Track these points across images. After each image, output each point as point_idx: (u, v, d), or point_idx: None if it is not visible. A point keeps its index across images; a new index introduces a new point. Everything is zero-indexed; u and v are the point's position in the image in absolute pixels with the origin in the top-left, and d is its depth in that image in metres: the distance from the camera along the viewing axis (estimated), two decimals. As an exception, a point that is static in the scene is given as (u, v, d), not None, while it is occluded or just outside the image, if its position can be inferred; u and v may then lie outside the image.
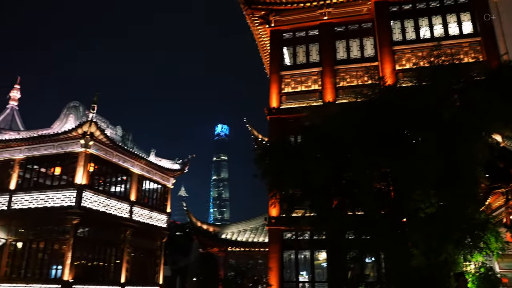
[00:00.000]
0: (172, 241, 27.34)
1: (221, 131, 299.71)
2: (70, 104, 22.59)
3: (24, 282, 19.32)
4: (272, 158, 12.50)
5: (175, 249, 33.75)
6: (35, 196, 20.43)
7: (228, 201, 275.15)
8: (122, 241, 22.06)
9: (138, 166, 23.57)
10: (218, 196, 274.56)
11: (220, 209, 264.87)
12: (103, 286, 20.35)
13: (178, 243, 35.52)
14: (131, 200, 22.76)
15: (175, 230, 35.82)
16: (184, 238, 39.23)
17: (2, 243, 20.23)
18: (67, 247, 19.07)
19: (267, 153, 12.97)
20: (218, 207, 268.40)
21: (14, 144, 21.53)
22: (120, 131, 24.23)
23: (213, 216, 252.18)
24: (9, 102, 29.40)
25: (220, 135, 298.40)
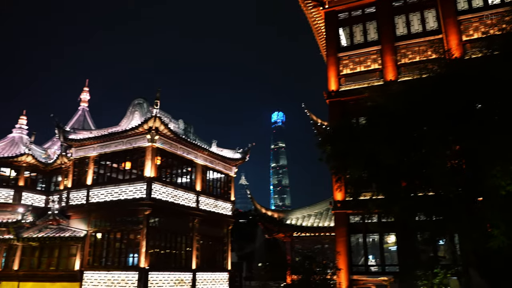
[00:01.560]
0: (236, 229, 27.98)
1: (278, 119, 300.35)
2: (135, 102, 23.67)
3: (105, 269, 20.75)
4: (336, 141, 12.33)
5: (239, 236, 34.59)
6: (110, 190, 21.76)
7: (288, 188, 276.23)
8: (191, 229, 22.97)
9: (201, 157, 24.29)
10: (278, 183, 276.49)
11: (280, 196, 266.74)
12: (176, 272, 21.33)
13: (242, 230, 36.36)
14: (196, 190, 23.57)
15: (238, 217, 36.59)
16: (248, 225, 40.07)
17: (84, 234, 21.82)
18: (141, 236, 20.20)
19: (331, 136, 12.81)
20: (278, 193, 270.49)
21: (88, 142, 23.02)
22: (182, 124, 24.99)
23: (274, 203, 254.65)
24: (80, 104, 31.50)
25: (277, 122, 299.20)
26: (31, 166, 25.26)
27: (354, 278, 16.78)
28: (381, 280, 15.96)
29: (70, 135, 23.39)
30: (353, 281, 16.77)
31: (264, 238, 33.78)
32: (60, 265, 21.96)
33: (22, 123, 28.11)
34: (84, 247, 21.70)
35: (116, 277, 20.09)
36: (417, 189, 10.90)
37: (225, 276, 24.83)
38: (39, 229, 22.43)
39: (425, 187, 10.72)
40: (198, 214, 23.27)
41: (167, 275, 20.70)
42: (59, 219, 22.77)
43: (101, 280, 20.52)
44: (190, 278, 22.05)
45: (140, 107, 23.37)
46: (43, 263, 22.24)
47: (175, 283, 21.08)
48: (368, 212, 13.56)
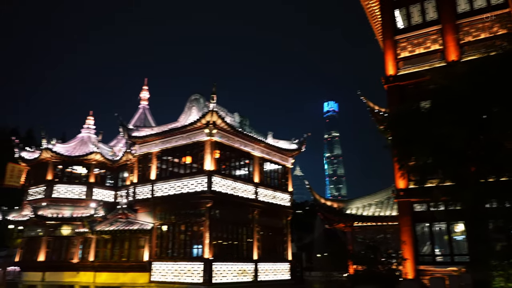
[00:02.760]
0: (294, 219, 28.02)
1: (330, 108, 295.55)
2: (192, 97, 24.34)
3: (172, 260, 21.65)
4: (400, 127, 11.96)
5: (298, 227, 34.64)
6: (172, 184, 22.61)
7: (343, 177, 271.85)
8: (251, 221, 23.33)
9: (258, 149, 24.52)
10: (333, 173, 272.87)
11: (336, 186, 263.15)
12: (238, 263, 21.81)
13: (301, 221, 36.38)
14: (255, 181, 23.87)
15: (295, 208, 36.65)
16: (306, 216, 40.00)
17: (150, 227, 22.89)
18: (204, 228, 20.83)
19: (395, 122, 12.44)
20: (334, 183, 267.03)
21: (150, 139, 24.03)
22: (238, 117, 25.32)
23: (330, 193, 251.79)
24: (140, 103, 32.91)
25: (329, 112, 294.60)
26: (99, 163, 26.85)
27: (420, 268, 16.26)
28: (450, 271, 15.33)
29: (134, 132, 24.53)
30: (420, 271, 16.27)
31: (322, 228, 33.62)
32: (130, 256, 23.23)
33: (89, 124, 29.89)
34: (152, 239, 22.76)
35: (183, 267, 20.91)
36: (488, 175, 10.34)
37: (286, 266, 25.01)
38: (110, 222, 23.85)
39: (497, 172, 10.14)
40: (257, 206, 23.58)
41: (230, 266, 21.22)
42: (128, 213, 24.05)
43: (169, 270, 21.45)
44: (252, 268, 22.45)
45: (197, 102, 24.00)
46: (115, 255, 23.64)
47: (238, 273, 21.57)
48: (435, 199, 13.08)
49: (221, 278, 20.55)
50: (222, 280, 20.53)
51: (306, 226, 35.26)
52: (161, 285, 21.53)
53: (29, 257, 25.74)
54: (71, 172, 27.21)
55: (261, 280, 22.68)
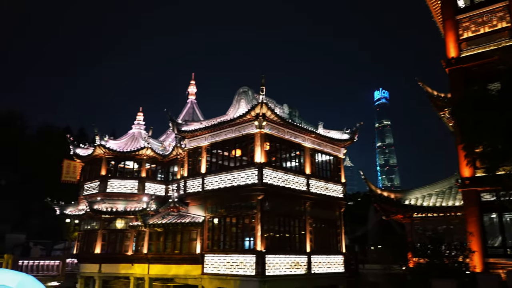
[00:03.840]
0: (347, 211, 27.30)
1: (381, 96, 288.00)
2: (240, 90, 24.19)
3: (224, 252, 21.65)
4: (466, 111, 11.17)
5: (350, 219, 33.84)
6: (223, 177, 22.59)
7: (396, 167, 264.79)
8: (303, 213, 22.94)
9: (309, 140, 24.03)
10: (385, 163, 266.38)
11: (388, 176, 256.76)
12: (291, 255, 21.50)
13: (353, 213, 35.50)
14: (306, 173, 23.42)
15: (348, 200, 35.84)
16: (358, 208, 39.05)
17: (202, 219, 23.01)
18: (255, 220, 20.66)
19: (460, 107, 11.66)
20: (386, 174, 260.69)
21: (200, 133, 24.12)
22: (287, 108, 24.91)
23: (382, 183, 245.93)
24: (188, 97, 33.22)
25: (380, 100, 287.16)
26: (150, 158, 27.33)
27: (490, 261, 15.23)
28: (524, 264, 14.28)
29: (183, 127, 24.72)
30: (489, 264, 15.24)
31: (376, 220, 32.67)
32: (183, 249, 23.48)
33: (139, 120, 30.50)
34: (203, 232, 22.88)
35: (235, 260, 20.86)
36: None
37: (340, 259, 24.44)
38: (162, 215, 24.21)
39: None
40: (309, 198, 23.14)
41: (283, 258, 20.95)
42: (179, 206, 24.32)
43: (221, 262, 21.49)
44: (305, 261, 22.09)
45: (245, 95, 23.82)
46: (168, 247, 23.98)
47: (291, 266, 21.27)
48: (506, 188, 12.20)
49: (274, 270, 20.32)
50: (275, 272, 20.31)
51: (358, 218, 34.42)
52: (213, 277, 21.62)
53: (86, 250, 26.64)
54: (124, 167, 27.90)
55: (314, 273, 22.28)
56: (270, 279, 19.98)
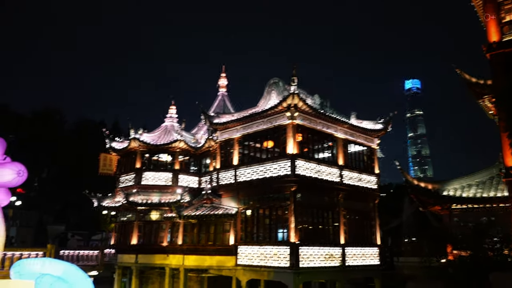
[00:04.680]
0: (379, 203, 26.74)
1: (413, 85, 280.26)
2: (271, 81, 24.02)
3: (257, 244, 21.70)
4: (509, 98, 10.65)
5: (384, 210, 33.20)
6: (255, 168, 22.57)
7: (429, 158, 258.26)
8: (336, 204, 22.66)
9: (341, 131, 23.64)
10: (417, 154, 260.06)
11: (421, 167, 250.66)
12: (325, 247, 21.31)
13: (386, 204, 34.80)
14: (339, 164, 23.08)
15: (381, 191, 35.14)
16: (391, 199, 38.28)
17: (235, 211, 23.12)
18: (289, 212, 20.57)
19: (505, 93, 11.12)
20: (418, 165, 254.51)
21: (231, 125, 24.17)
22: (318, 99, 24.58)
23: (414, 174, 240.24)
24: (219, 90, 33.35)
25: (411, 89, 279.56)
26: (183, 151, 27.65)
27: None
28: None
29: (215, 119, 24.84)
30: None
31: (410, 212, 31.92)
32: (216, 240, 23.72)
33: (172, 113, 30.87)
34: (236, 223, 23.00)
35: (268, 251, 20.88)
36: None
37: (375, 251, 24.03)
38: (196, 207, 24.50)
39: None
40: (342, 189, 22.81)
41: (316, 250, 20.80)
42: (212, 198, 24.52)
43: (254, 254, 21.56)
44: (339, 253, 21.84)
45: (276, 86, 23.65)
46: (202, 238, 24.28)
47: (325, 258, 21.10)
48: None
49: (308, 262, 20.22)
50: (309, 264, 20.20)
51: (391, 210, 33.78)
52: (247, 268, 21.74)
53: (122, 240, 27.35)
54: (157, 160, 28.37)
55: (348, 265, 22.01)
56: (304, 271, 19.91)
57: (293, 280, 19.40)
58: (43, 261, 8.51)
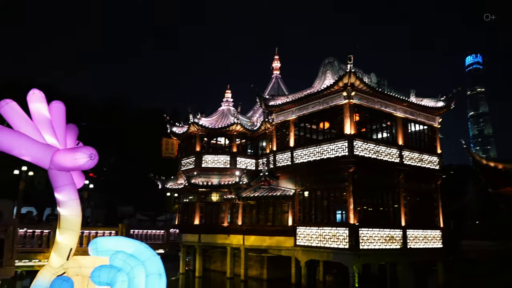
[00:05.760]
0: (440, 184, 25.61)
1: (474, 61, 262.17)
2: (325, 61, 23.70)
3: (316, 225, 21.80)
4: None
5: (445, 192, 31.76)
6: (312, 150, 22.53)
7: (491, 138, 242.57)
8: (396, 185, 22.11)
9: (401, 109, 22.85)
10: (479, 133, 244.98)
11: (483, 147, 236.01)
12: (385, 229, 20.96)
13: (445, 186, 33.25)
14: (398, 144, 22.40)
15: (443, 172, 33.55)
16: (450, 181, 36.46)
17: (292, 193, 23.34)
18: (347, 193, 20.41)
19: None
20: (480, 145, 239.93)
21: (287, 107, 24.21)
22: (375, 77, 23.85)
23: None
24: (273, 72, 33.38)
25: (472, 65, 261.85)
26: (240, 133, 28.19)
27: None
28: None
29: (270, 102, 24.99)
30: None
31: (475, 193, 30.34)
32: (275, 221, 24.15)
33: (228, 97, 31.47)
34: (294, 205, 23.24)
35: (327, 232, 20.93)
36: None
37: (437, 233, 23.27)
38: (254, 189, 25.02)
39: None
40: (402, 170, 22.16)
41: (376, 231, 20.52)
42: (270, 179, 24.90)
43: (313, 235, 21.71)
44: (400, 235, 21.40)
45: (331, 65, 23.30)
46: (261, 219, 24.81)
47: (385, 240, 20.78)
48: None
49: (368, 244, 20.03)
50: (369, 246, 20.01)
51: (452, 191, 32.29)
52: (306, 249, 21.97)
53: (186, 221, 28.65)
54: (216, 143, 29.21)
55: (410, 248, 21.53)
56: (364, 252, 19.76)
57: (353, 262, 19.36)
58: (116, 239, 9.25)
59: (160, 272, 8.44)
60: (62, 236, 9.22)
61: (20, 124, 9.01)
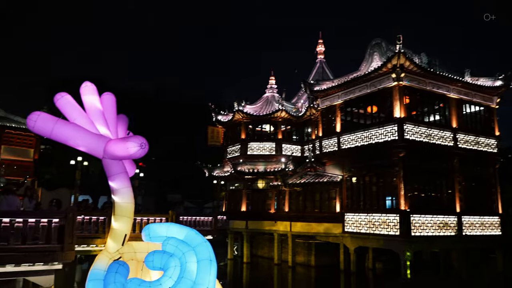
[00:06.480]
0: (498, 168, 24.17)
1: None
2: (373, 43, 22.86)
3: (365, 212, 21.35)
4: None
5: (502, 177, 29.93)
6: (359, 134, 21.97)
7: None
8: (450, 170, 21.14)
9: (454, 90, 21.70)
10: None
11: None
12: (438, 215, 20.15)
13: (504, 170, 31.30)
14: (452, 127, 21.34)
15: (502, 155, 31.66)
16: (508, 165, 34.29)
17: (339, 179, 22.96)
18: (397, 179, 19.76)
19: None
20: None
21: (332, 91, 23.70)
22: (425, 58, 22.71)
23: None
24: (317, 57, 32.74)
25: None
26: (285, 120, 28.00)
27: None
28: None
29: (315, 87, 24.55)
30: None
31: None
32: (322, 208, 23.91)
33: (272, 83, 31.27)
34: (342, 191, 22.88)
35: (377, 219, 20.44)
36: None
37: (495, 220, 22.08)
38: (300, 175, 24.85)
39: None
40: (456, 153, 21.14)
41: (429, 218, 19.78)
42: (316, 166, 24.64)
43: (362, 221, 21.29)
44: (455, 221, 20.51)
45: (378, 47, 22.46)
46: (308, 206, 24.65)
47: (438, 226, 20.00)
48: None
49: (420, 231, 19.36)
50: (421, 233, 19.35)
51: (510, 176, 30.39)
52: (355, 235, 21.62)
53: (233, 208, 29.02)
54: (261, 130, 29.21)
55: (466, 235, 20.60)
56: (416, 239, 19.14)
57: (404, 249, 18.81)
58: (167, 225, 9.47)
59: (211, 257, 8.57)
60: (117, 222, 9.55)
61: (75, 116, 9.36)
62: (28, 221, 10.20)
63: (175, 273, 8.36)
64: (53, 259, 10.36)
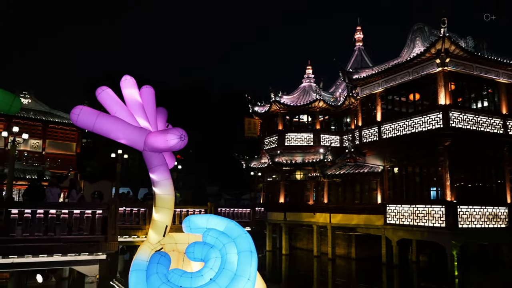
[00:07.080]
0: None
1: None
2: (414, 27, 21.88)
3: (407, 203, 20.65)
4: None
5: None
6: (401, 123, 21.20)
7: None
8: (499, 159, 20.07)
9: (504, 74, 20.48)
10: None
11: None
12: (487, 206, 19.19)
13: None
14: (502, 113, 20.19)
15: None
16: None
17: (380, 169, 22.30)
18: (442, 169, 18.95)
19: None
20: None
21: (372, 79, 22.97)
22: (472, 41, 21.54)
23: None
24: (356, 44, 31.85)
25: None
26: (323, 110, 27.46)
27: None
28: None
29: (354, 75, 23.89)
30: None
31: None
32: (363, 199, 23.35)
33: (309, 73, 30.69)
34: (383, 182, 22.23)
35: (421, 210, 19.72)
36: None
37: (551, 211, 20.75)
38: (339, 166, 24.34)
39: None
40: (507, 141, 20.00)
41: (477, 209, 18.89)
42: (355, 156, 24.05)
43: (405, 213, 20.62)
44: (505, 213, 19.48)
45: (420, 32, 21.48)
46: (347, 197, 24.14)
47: (488, 218, 19.06)
48: None
49: (468, 223, 18.54)
50: (469, 225, 18.51)
51: None
52: (397, 227, 20.99)
53: (271, 199, 28.88)
54: (298, 121, 28.81)
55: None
56: (463, 232, 18.35)
57: (450, 241, 18.04)
58: (207, 217, 9.43)
59: (251, 249, 8.44)
60: (157, 214, 9.62)
61: (115, 109, 9.47)
62: (74, 212, 10.48)
63: (216, 265, 8.31)
64: (98, 249, 10.62)
